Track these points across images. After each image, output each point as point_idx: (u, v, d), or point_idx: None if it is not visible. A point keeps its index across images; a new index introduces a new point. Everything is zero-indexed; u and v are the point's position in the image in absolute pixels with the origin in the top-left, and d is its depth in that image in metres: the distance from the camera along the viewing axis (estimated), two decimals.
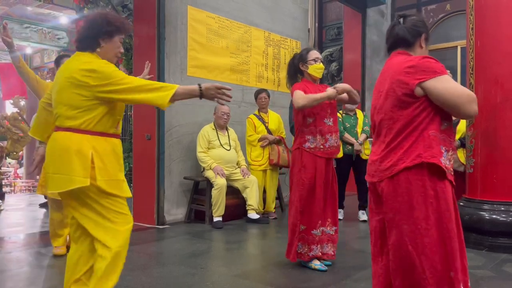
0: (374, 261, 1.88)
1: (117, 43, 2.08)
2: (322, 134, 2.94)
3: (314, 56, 3.02)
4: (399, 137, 1.70)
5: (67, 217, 3.38)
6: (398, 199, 1.68)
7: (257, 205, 4.80)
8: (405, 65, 1.72)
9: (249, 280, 2.78)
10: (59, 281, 2.80)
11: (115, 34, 2.06)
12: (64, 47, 10.99)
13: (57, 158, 1.93)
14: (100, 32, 2.02)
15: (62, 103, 1.96)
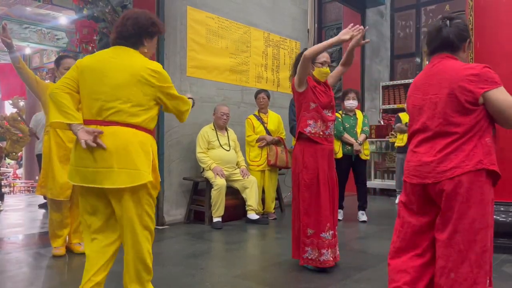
0: (397, 256, 1.93)
1: (155, 44, 2.18)
2: (323, 121, 2.94)
3: (323, 58, 2.99)
4: (459, 141, 1.76)
5: (66, 218, 3.40)
6: (458, 198, 1.74)
7: (257, 205, 4.80)
8: (466, 72, 1.77)
9: (248, 280, 2.78)
10: (59, 282, 2.80)
11: (155, 35, 2.14)
12: (63, 47, 10.96)
13: (122, 153, 1.91)
14: (146, 31, 2.08)
15: (123, 99, 1.94)
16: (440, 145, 1.79)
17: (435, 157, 1.79)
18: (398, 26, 8.61)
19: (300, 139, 3.00)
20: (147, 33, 2.08)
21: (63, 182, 3.29)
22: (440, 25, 1.90)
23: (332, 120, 3.02)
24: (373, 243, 3.87)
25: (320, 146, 2.95)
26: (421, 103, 1.88)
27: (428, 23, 8.21)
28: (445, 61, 1.86)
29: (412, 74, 8.35)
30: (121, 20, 2.08)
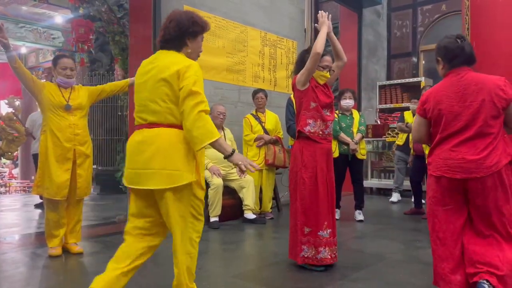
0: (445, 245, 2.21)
1: (199, 42, 2.16)
2: (323, 120, 2.95)
3: (326, 63, 3.01)
4: (496, 140, 2.14)
5: (63, 218, 3.39)
6: (499, 188, 2.13)
7: (254, 205, 4.80)
8: (499, 82, 2.16)
9: (245, 280, 2.78)
10: (55, 281, 2.79)
11: (199, 34, 2.14)
12: (59, 46, 10.92)
13: (163, 154, 1.95)
14: (187, 32, 2.09)
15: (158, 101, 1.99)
16: (482, 145, 2.14)
17: (479, 155, 2.13)
18: (395, 26, 8.63)
19: (300, 137, 3.01)
20: (188, 33, 2.09)
21: (60, 181, 3.28)
22: (462, 44, 2.25)
23: (331, 120, 3.03)
24: (370, 242, 3.88)
25: (319, 145, 2.96)
26: (458, 109, 2.18)
27: (424, 22, 8.23)
28: (471, 73, 2.22)
29: (409, 73, 8.37)
30: (164, 23, 2.12)
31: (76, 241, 3.51)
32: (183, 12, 2.14)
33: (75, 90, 3.44)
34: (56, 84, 3.39)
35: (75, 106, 3.36)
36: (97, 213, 5.60)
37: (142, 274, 2.88)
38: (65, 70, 3.37)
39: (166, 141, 1.96)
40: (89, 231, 4.41)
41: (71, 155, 3.32)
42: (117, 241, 3.87)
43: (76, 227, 3.50)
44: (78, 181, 3.37)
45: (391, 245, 3.71)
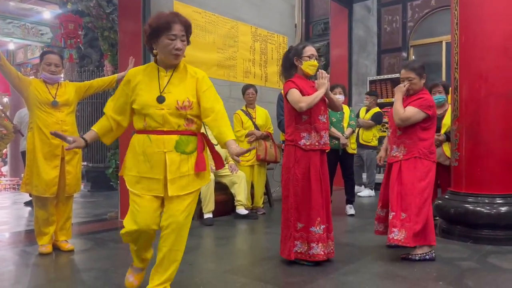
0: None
1: (164, 41, 2.13)
2: (317, 131, 2.93)
3: (310, 52, 2.99)
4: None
5: (52, 215, 3.36)
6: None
7: (246, 200, 4.80)
8: None
9: (238, 275, 2.78)
10: (46, 279, 2.77)
11: (160, 35, 2.12)
12: (47, 42, 10.78)
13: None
14: (148, 38, 2.17)
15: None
16: None
17: None
18: (385, 21, 8.65)
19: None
20: (148, 37, 2.18)
21: (48, 179, 3.25)
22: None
23: (326, 129, 3.00)
24: (361, 236, 3.91)
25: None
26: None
27: (414, 17, 8.27)
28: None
29: (399, 68, 8.39)
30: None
31: (67, 238, 3.48)
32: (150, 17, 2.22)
33: (62, 86, 3.41)
34: (42, 81, 3.35)
35: (62, 102, 3.33)
36: (88, 210, 5.57)
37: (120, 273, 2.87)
38: (49, 66, 3.33)
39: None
40: (80, 228, 4.38)
41: (59, 151, 3.29)
42: (108, 238, 3.87)
43: (66, 224, 3.47)
44: (67, 178, 3.35)
45: (381, 239, 3.74)
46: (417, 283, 2.59)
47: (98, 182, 7.40)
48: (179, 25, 2.14)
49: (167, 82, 2.19)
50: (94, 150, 7.46)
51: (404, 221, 2.96)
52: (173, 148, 2.14)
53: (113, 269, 2.91)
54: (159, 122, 2.13)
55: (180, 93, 2.16)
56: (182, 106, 2.14)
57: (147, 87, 2.17)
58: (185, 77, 2.23)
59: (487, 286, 2.54)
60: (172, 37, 2.12)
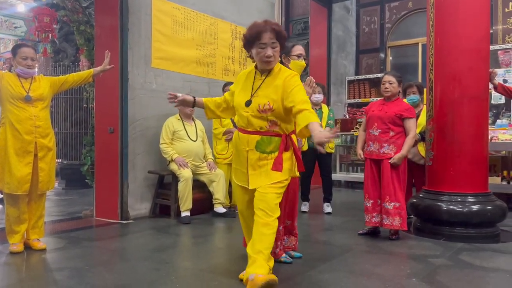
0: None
1: (256, 50, 2.40)
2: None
3: (298, 51, 3.01)
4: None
5: (24, 213, 3.27)
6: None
7: (224, 199, 4.78)
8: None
9: (214, 273, 2.77)
10: (17, 279, 2.70)
11: (253, 45, 2.40)
12: (21, 36, 10.48)
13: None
14: (245, 47, 2.50)
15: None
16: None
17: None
18: (363, 22, 8.76)
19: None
20: (246, 48, 2.51)
21: (21, 176, 3.16)
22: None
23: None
24: (338, 234, 3.95)
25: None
26: None
27: (391, 19, 8.40)
28: None
29: (377, 69, 8.54)
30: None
31: (39, 237, 3.40)
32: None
33: (36, 81, 3.31)
34: (16, 74, 3.25)
35: (35, 97, 3.24)
36: (62, 208, 5.44)
37: (108, 269, 2.83)
38: (25, 60, 3.23)
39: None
40: (54, 226, 4.28)
41: (32, 148, 3.20)
42: (82, 236, 3.79)
43: (38, 222, 3.38)
44: (40, 175, 3.26)
45: (357, 237, 3.79)
46: (391, 279, 2.63)
47: (72, 180, 7.24)
48: (269, 33, 2.33)
49: (259, 86, 2.42)
50: (69, 147, 7.30)
51: (398, 209, 3.54)
52: (254, 147, 2.39)
53: (87, 268, 2.85)
54: (244, 123, 2.42)
55: (265, 97, 2.37)
56: (263, 109, 2.34)
57: (243, 89, 2.48)
58: (275, 80, 2.40)
59: (459, 282, 2.60)
60: (263, 46, 2.34)
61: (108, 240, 3.73)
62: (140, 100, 4.65)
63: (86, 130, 6.65)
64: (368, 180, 3.74)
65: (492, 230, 3.66)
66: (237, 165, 2.52)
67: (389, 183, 3.57)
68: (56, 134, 6.35)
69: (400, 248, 3.42)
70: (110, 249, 3.45)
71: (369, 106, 3.97)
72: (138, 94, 4.63)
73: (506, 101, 6.12)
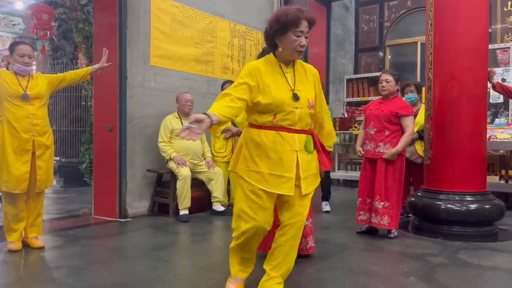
0: None
1: (290, 38, 2.07)
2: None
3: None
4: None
5: (22, 211, 3.27)
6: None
7: (222, 197, 4.79)
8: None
9: (213, 272, 2.77)
10: (15, 277, 2.69)
11: (287, 30, 2.07)
12: (19, 33, 10.45)
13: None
14: (272, 32, 2.10)
15: None
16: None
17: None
18: (362, 20, 8.76)
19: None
20: (274, 32, 2.08)
21: (19, 174, 3.15)
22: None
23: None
24: (336, 233, 3.95)
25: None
26: None
27: (390, 18, 8.40)
28: None
29: (375, 67, 8.54)
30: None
31: (37, 235, 3.39)
32: (277, 11, 2.14)
33: (34, 78, 3.30)
34: (13, 72, 3.24)
35: (33, 95, 3.23)
36: (60, 206, 5.43)
37: (106, 267, 2.83)
38: (23, 58, 3.22)
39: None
40: (52, 224, 4.28)
41: (29, 146, 3.19)
42: (80, 234, 3.79)
43: (36, 221, 3.38)
44: (38, 173, 3.25)
45: (356, 235, 3.80)
46: (389, 278, 2.64)
47: (71, 178, 7.22)
48: (305, 21, 2.10)
49: (294, 79, 2.17)
50: (67, 145, 7.29)
51: (387, 208, 3.55)
52: (303, 147, 2.16)
53: (86, 266, 2.85)
54: (292, 120, 2.11)
55: (308, 92, 2.18)
56: (311, 104, 2.17)
57: (275, 83, 2.13)
58: (305, 75, 2.23)
59: (456, 281, 2.61)
60: (299, 34, 2.09)
61: (107, 238, 3.72)
62: (138, 98, 4.64)
63: (85, 128, 6.63)
64: (361, 179, 3.77)
65: (490, 229, 3.67)
66: (272, 169, 2.10)
67: (381, 182, 3.56)
68: (55, 132, 6.35)
69: (398, 246, 3.43)
70: (109, 247, 3.45)
71: (368, 104, 3.97)
72: (136, 92, 4.62)
73: (505, 100, 6.13)
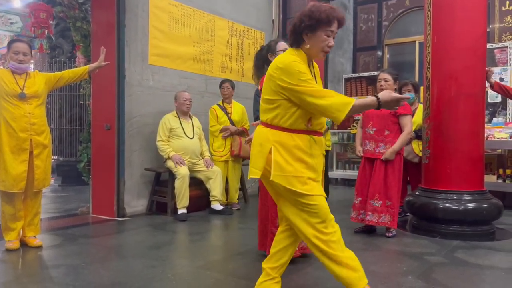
0: None
1: (321, 37, 1.99)
2: None
3: (283, 47, 3.02)
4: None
5: (19, 210, 3.26)
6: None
7: (221, 196, 4.79)
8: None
9: (211, 271, 2.77)
10: (13, 276, 2.69)
11: (318, 28, 1.98)
12: (17, 32, 10.41)
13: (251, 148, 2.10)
14: (301, 27, 1.99)
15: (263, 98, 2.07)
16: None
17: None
18: (361, 19, 8.76)
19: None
20: (303, 28, 1.99)
21: (16, 173, 3.14)
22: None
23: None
24: None
25: None
26: None
27: (388, 17, 8.40)
28: None
29: (374, 67, 8.54)
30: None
31: (35, 234, 3.39)
32: (310, 5, 2.04)
33: (31, 77, 3.29)
34: (10, 71, 3.23)
35: (30, 94, 3.21)
36: (58, 205, 5.43)
37: (104, 266, 2.83)
38: (17, 55, 3.21)
39: (254, 137, 2.08)
40: (50, 223, 4.28)
41: (27, 145, 3.19)
42: (78, 233, 3.79)
43: (34, 220, 3.37)
44: (35, 172, 3.24)
45: (354, 234, 3.80)
46: (387, 277, 2.64)
47: (69, 177, 7.21)
48: (336, 22, 2.04)
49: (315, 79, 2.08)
50: (65, 143, 7.27)
51: (389, 207, 3.58)
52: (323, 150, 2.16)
53: (84, 265, 2.85)
54: (322, 124, 2.10)
55: None
56: None
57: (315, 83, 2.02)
58: (317, 73, 2.17)
59: (454, 280, 2.62)
60: (329, 33, 2.02)
61: (105, 237, 3.72)
62: (137, 97, 4.63)
63: (83, 127, 6.62)
64: (359, 178, 3.79)
65: (487, 228, 3.68)
66: (309, 173, 2.05)
67: (380, 181, 3.59)
68: (53, 131, 6.33)
69: (396, 245, 3.43)
70: (107, 246, 3.44)
71: None
72: (135, 91, 4.62)
73: (503, 99, 6.14)
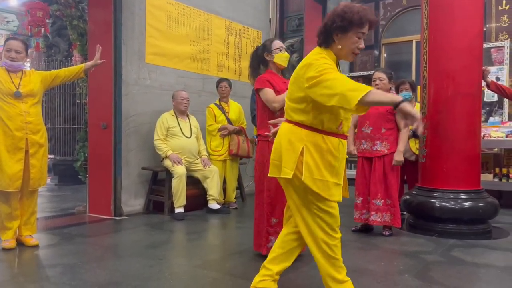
0: None
1: (352, 38, 1.96)
2: None
3: (279, 45, 3.02)
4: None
5: (16, 210, 3.25)
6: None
7: (218, 195, 4.78)
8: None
9: (208, 270, 2.77)
10: (9, 275, 2.68)
11: (350, 29, 1.95)
12: (13, 30, 10.37)
13: (276, 146, 2.08)
14: (332, 27, 1.97)
15: (289, 97, 2.05)
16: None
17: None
18: None
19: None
20: (334, 28, 1.95)
21: (12, 172, 3.13)
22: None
23: None
24: None
25: None
26: None
27: (386, 16, 8.41)
28: None
29: (371, 66, 8.55)
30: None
31: (31, 233, 3.37)
32: (341, 5, 2.01)
33: (27, 75, 3.27)
34: (5, 69, 3.21)
35: (25, 93, 3.19)
36: (55, 204, 5.41)
37: (101, 265, 2.82)
38: (9, 52, 3.19)
39: (281, 135, 2.05)
40: (46, 222, 4.26)
41: (23, 144, 3.17)
42: (75, 232, 3.78)
43: (30, 219, 3.36)
44: (31, 171, 3.23)
45: (350, 233, 3.81)
46: (384, 276, 2.65)
47: (65, 176, 7.19)
48: (368, 24, 2.00)
49: None
50: (62, 142, 7.25)
51: (390, 205, 3.61)
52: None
53: (80, 264, 2.84)
54: (348, 126, 2.07)
55: None
56: None
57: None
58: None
59: (450, 278, 2.62)
60: (361, 35, 1.99)
61: (102, 237, 3.71)
62: (133, 96, 4.62)
63: (79, 125, 6.60)
64: (359, 178, 3.78)
65: (483, 226, 3.70)
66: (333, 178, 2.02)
67: (381, 180, 3.62)
68: (49, 130, 6.31)
69: (392, 244, 3.44)
70: (104, 245, 3.44)
71: None
72: (131, 90, 4.60)
73: (499, 98, 6.16)
